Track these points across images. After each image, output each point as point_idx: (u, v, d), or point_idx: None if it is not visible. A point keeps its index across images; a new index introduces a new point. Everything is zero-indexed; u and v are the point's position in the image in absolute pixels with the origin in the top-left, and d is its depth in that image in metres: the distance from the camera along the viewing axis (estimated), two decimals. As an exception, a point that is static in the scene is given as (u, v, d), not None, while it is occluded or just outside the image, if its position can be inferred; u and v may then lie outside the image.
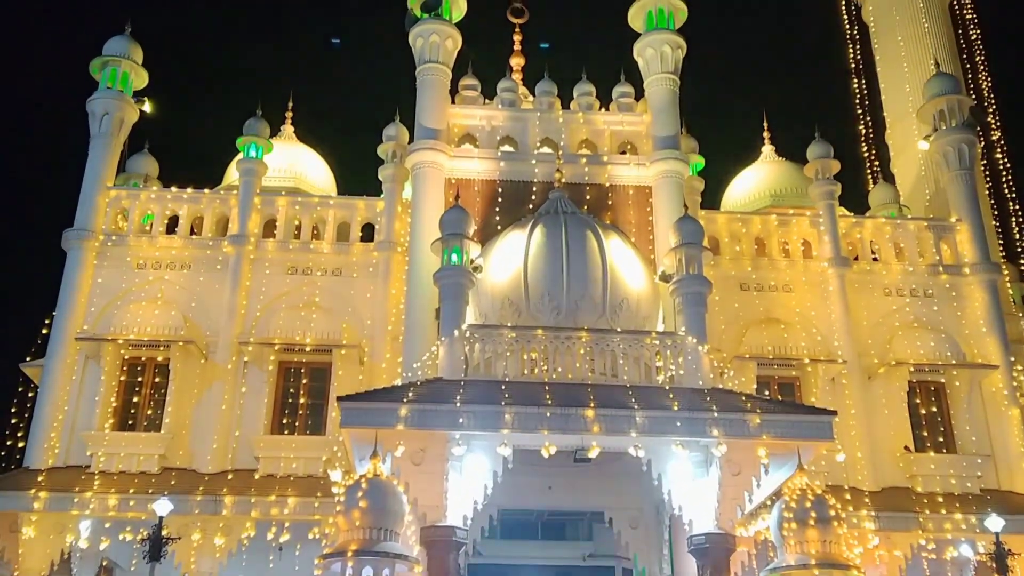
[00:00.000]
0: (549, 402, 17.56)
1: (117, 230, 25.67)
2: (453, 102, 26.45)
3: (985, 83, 34.73)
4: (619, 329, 20.15)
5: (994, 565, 17.80)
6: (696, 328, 20.64)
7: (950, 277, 26.26)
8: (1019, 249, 31.20)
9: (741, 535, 19.21)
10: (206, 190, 26.78)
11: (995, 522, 18.18)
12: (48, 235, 27.24)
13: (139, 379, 24.09)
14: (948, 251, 26.78)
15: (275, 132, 30.39)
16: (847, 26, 37.83)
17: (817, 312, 25.61)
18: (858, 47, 37.19)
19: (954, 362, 24.86)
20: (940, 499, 22.78)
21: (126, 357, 24.09)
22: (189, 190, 26.37)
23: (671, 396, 18.21)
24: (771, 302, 25.73)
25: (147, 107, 27.74)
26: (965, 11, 36.10)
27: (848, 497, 21.43)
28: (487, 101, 27.04)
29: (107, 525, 20.86)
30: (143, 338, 23.77)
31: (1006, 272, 27.78)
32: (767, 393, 24.07)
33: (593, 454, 17.99)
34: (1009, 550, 17.76)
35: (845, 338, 25.08)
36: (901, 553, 21.98)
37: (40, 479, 21.67)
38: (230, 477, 22.35)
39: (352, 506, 16.34)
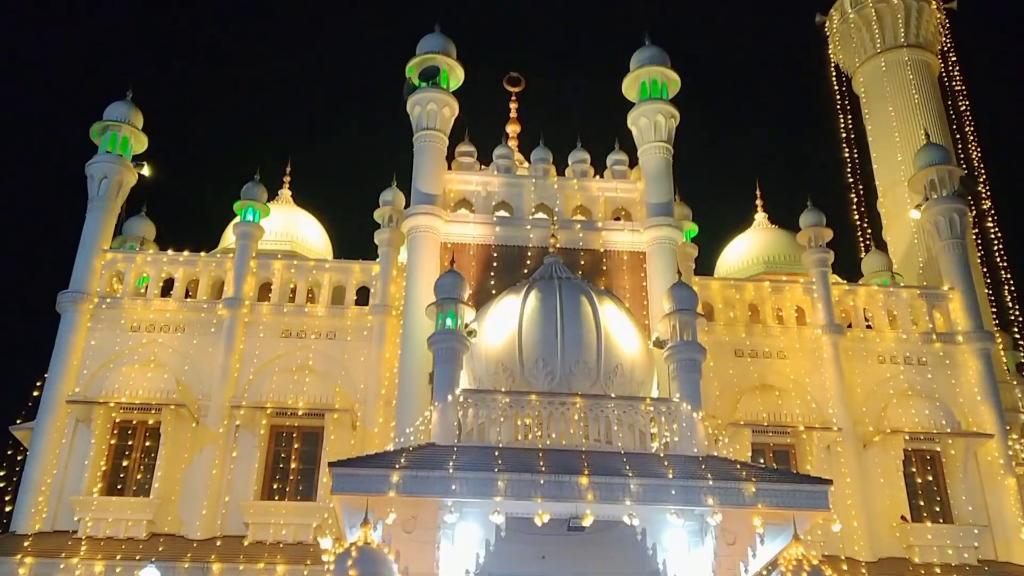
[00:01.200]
0: (543, 469, 17.43)
1: (112, 293, 25.71)
2: (450, 168, 26.76)
3: (975, 153, 35.26)
4: (613, 395, 20.11)
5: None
6: (690, 394, 20.58)
7: (944, 345, 26.30)
8: (1012, 317, 31.34)
9: (737, 607, 18.92)
10: (202, 253, 26.88)
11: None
12: (43, 297, 27.24)
13: (129, 443, 23.90)
14: (941, 319, 26.87)
15: (273, 196, 30.64)
16: (838, 97, 38.51)
17: (811, 379, 25.59)
18: (850, 117, 37.83)
19: (949, 430, 24.77)
20: (938, 570, 22.53)
21: (117, 420, 23.93)
22: (185, 253, 26.48)
23: (666, 463, 18.11)
24: (765, 368, 25.73)
25: (146, 171, 28.00)
26: (954, 83, 36.82)
27: (845, 568, 21.23)
28: (483, 167, 27.37)
29: (93, 592, 20.52)
30: (135, 401, 23.64)
31: (999, 340, 27.88)
32: (762, 461, 23.93)
33: (587, 522, 17.81)
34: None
35: (839, 405, 25.03)
36: (899, 627, 21.66)
37: (26, 544, 21.36)
38: (219, 543, 22.03)
39: (342, 575, 16.08)
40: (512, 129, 33.20)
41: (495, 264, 25.06)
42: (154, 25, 73.14)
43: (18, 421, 25.25)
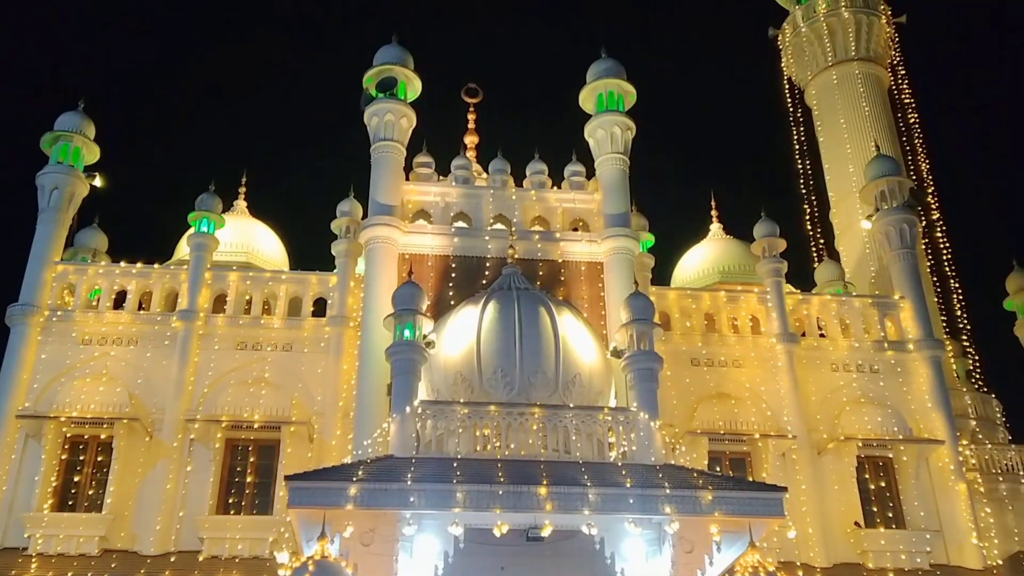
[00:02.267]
0: (502, 480, 17.46)
1: (63, 305, 25.28)
2: (407, 179, 26.73)
3: (924, 164, 36.00)
4: (572, 405, 20.19)
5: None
6: (648, 404, 20.72)
7: (895, 353, 26.75)
8: (960, 325, 31.98)
9: (695, 614, 19.03)
10: (156, 265, 26.55)
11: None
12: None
13: (81, 457, 23.46)
14: (893, 327, 27.33)
15: (228, 207, 30.37)
16: (791, 109, 39.12)
17: (767, 387, 25.89)
18: (802, 129, 38.46)
19: (901, 437, 25.17)
20: (891, 575, 22.84)
21: (68, 435, 23.48)
22: (138, 265, 26.12)
23: (623, 473, 18.22)
24: (722, 377, 25.98)
25: (98, 182, 27.58)
26: (903, 95, 37.59)
27: (800, 574, 21.41)
28: (441, 178, 27.37)
29: (42, 612, 20.10)
30: (86, 416, 23.23)
31: (949, 348, 28.41)
32: (719, 468, 24.13)
33: (546, 532, 17.84)
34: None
35: (794, 413, 25.35)
36: (854, 631, 21.93)
37: (-27, 562, 20.87)
38: (173, 559, 21.71)
39: (299, 589, 15.93)
40: (470, 140, 33.28)
41: (453, 275, 25.05)
42: (107, 36, 72.25)
43: (-34, 437, 24.72)
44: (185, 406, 23.91)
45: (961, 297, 32.22)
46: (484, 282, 24.50)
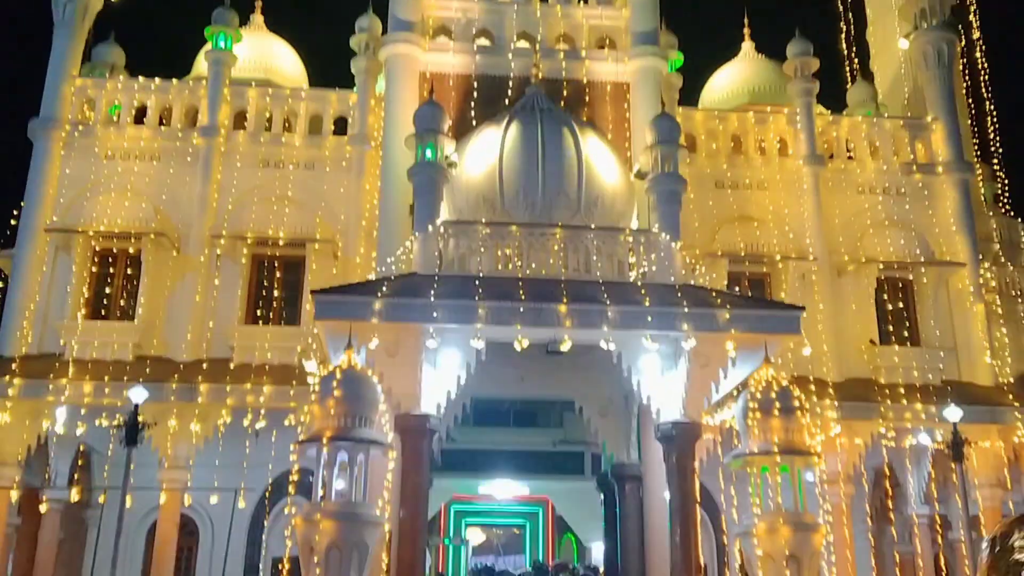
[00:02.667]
0: (522, 297, 17.71)
1: (84, 120, 25.18)
2: (428, -8, 25.83)
3: (967, -21, 34.24)
4: (593, 226, 20.19)
5: (950, 453, 18.41)
6: (670, 225, 20.72)
7: (923, 176, 26.41)
8: (993, 149, 31.32)
9: (707, 424, 19.74)
10: (174, 80, 26.19)
11: (953, 412, 18.78)
12: (14, 124, 26.64)
13: (111, 270, 24.00)
14: (923, 150, 26.86)
15: (244, 21, 29.59)
16: (831, -80, 36.94)
17: (790, 210, 25.78)
18: (841, -58, 36.42)
19: (923, 260, 25.25)
20: (902, 390, 23.40)
21: (97, 249, 23.93)
22: (157, 80, 25.79)
23: (643, 292, 18.42)
24: (745, 200, 25.84)
25: (112, -7, 26.88)
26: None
27: (812, 388, 21.98)
28: (463, -9, 26.40)
29: (83, 412, 20.99)
30: (113, 230, 23.58)
31: (979, 171, 27.96)
32: (738, 289, 24.36)
33: (565, 347, 18.27)
34: (965, 439, 18.35)
35: (816, 235, 25.34)
36: (861, 441, 22.69)
37: (14, 366, 21.69)
38: (205, 366, 22.49)
39: (327, 395, 16.56)
40: (493, -49, 31.82)
41: (476, 95, 24.56)
42: None
43: (-4, 249, 25.34)
44: (210, 222, 24.18)
45: (995, 120, 31.40)
46: (507, 102, 24.02)
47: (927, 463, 23.40)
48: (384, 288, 17.80)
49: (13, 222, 23.86)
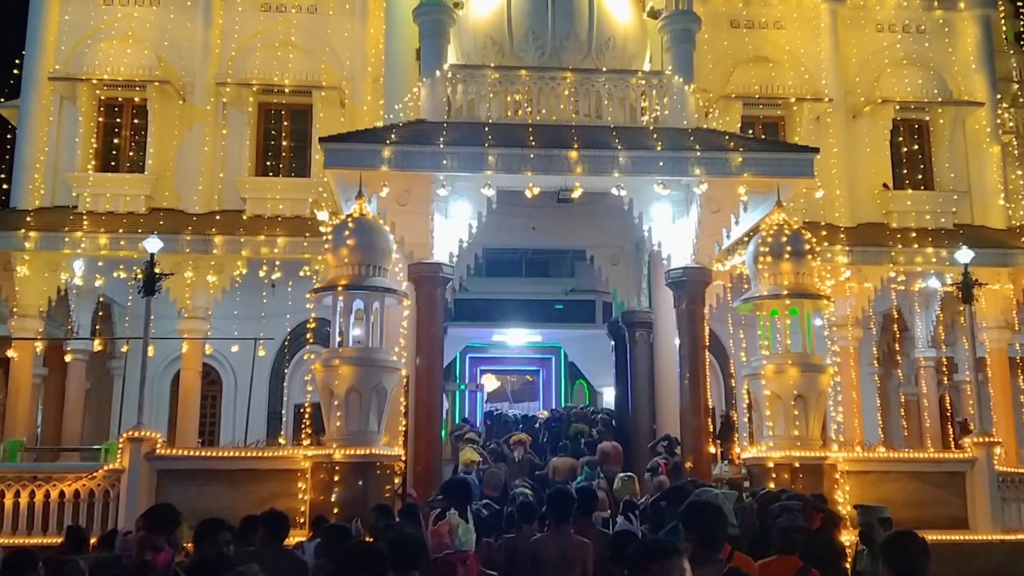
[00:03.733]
0: (533, 144, 17.55)
1: (80, -37, 24.30)
2: None
3: None
4: (605, 69, 19.79)
5: (960, 295, 18.56)
6: (683, 67, 20.25)
7: (944, 12, 25.51)
8: (1019, -17, 30.08)
9: (717, 270, 19.90)
10: (164, -81, 25.08)
11: (964, 254, 18.79)
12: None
13: (118, 120, 23.71)
14: (946, -17, 25.86)
15: None
16: None
17: (807, 50, 25.10)
18: None
19: (940, 100, 24.73)
20: (913, 234, 23.39)
21: (102, 98, 23.55)
22: (153, -80, 24.71)
23: (655, 136, 18.22)
24: (761, 40, 25.12)
25: None
26: None
27: (824, 233, 21.98)
28: None
29: (100, 264, 21.22)
30: (118, 78, 23.13)
31: (1001, 8, 26.98)
32: (751, 133, 24.02)
33: (576, 194, 18.25)
34: (976, 280, 18.45)
35: (833, 76, 24.73)
36: (871, 285, 22.87)
37: (29, 219, 21.78)
38: (218, 218, 22.52)
39: (340, 244, 16.66)
40: None
41: (482, -71, 23.53)
42: None
43: (2, 100, 24.98)
44: (214, 70, 23.69)
45: (1023, -47, 30.06)
46: (514, -64, 23.03)
47: (935, 307, 23.63)
48: (393, 135, 17.66)
49: (16, 72, 23.47)
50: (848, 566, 10.84)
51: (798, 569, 7.68)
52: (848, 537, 12.26)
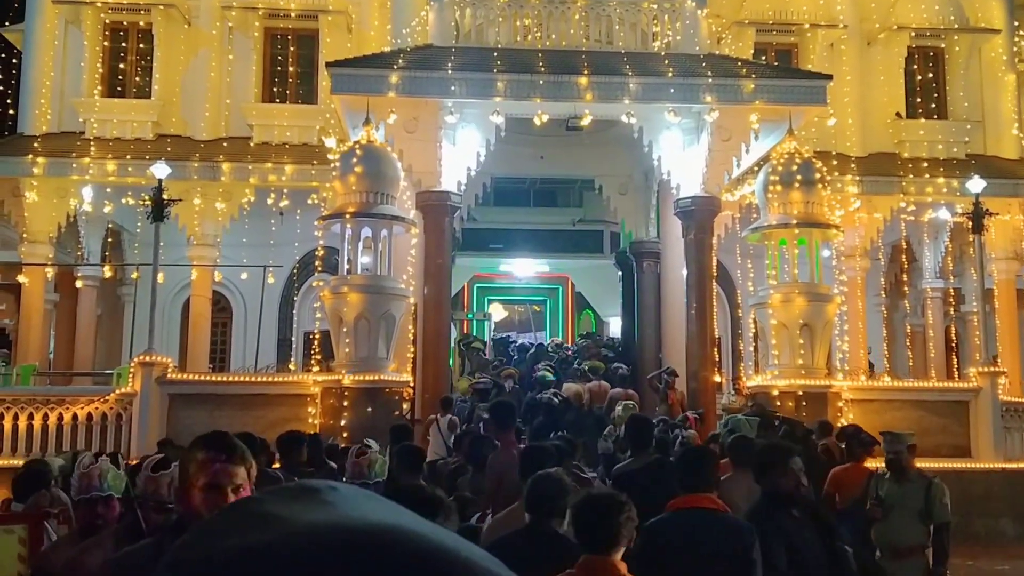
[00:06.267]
0: (542, 69, 17.36)
1: None
2: None
3: None
4: (616, -8, 19.45)
5: (970, 225, 18.46)
6: (695, -9, 19.86)
7: (963, -64, 24.93)
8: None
9: (726, 200, 19.80)
10: None
11: (976, 184, 18.65)
12: None
13: (123, 44, 23.42)
14: (965, -95, 25.15)
15: None
16: None
17: (822, -26, 24.58)
18: None
19: (956, 26, 24.28)
20: (925, 164, 23.18)
21: (107, 22, 23.23)
22: None
23: (666, 62, 17.99)
24: (776, -36, 24.58)
25: None
26: None
27: (835, 162, 21.79)
28: None
29: (108, 190, 21.19)
30: (122, 1, 22.83)
31: (1022, -68, 26.32)
32: (764, 60, 23.64)
33: (585, 122, 18.11)
34: (987, 210, 18.34)
35: (848, 2, 24.24)
36: (881, 215, 22.74)
37: (36, 145, 21.71)
38: (225, 144, 22.41)
39: (348, 172, 16.64)
40: None
41: None
42: None
43: (6, 23, 24.70)
44: (218, -9, 23.37)
45: None
46: None
47: (944, 237, 23.53)
48: (400, 60, 17.47)
49: (19, -5, 23.21)
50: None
51: (868, 475, 9.28)
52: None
